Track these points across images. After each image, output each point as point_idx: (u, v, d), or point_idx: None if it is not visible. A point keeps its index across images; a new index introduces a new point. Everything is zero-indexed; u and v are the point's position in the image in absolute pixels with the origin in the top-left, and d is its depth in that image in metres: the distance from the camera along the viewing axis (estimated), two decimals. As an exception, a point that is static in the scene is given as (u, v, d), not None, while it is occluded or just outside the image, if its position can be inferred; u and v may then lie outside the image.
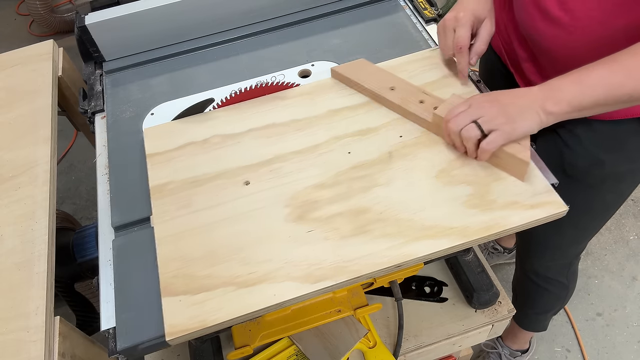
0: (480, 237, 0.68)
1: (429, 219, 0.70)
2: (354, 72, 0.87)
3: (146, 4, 0.97)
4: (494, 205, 0.70)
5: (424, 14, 1.02)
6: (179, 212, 0.75)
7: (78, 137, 2.18)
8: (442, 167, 0.75)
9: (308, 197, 0.74)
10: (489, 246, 1.71)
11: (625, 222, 1.84)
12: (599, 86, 0.65)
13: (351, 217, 0.71)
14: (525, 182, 0.72)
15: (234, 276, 0.67)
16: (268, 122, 0.85)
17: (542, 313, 1.32)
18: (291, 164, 0.79)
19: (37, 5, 2.51)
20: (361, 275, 0.66)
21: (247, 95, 0.88)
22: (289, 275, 0.67)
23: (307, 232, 0.71)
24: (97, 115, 0.94)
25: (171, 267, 0.69)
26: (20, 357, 0.70)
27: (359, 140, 0.80)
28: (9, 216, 0.84)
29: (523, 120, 0.69)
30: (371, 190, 0.74)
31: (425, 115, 0.79)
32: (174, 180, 0.79)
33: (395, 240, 0.68)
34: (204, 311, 0.64)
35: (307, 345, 0.92)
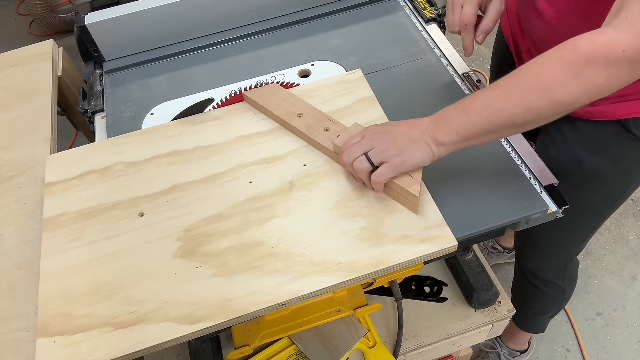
0: (368, 273, 0.66)
1: (319, 254, 0.68)
2: (265, 97, 0.85)
3: (146, 4, 0.97)
4: (385, 240, 0.69)
5: (424, 14, 1.02)
6: (69, 245, 0.72)
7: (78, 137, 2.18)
8: (340, 199, 0.74)
9: (202, 230, 0.72)
10: (489, 246, 1.71)
11: (625, 222, 1.84)
12: (483, 113, 0.63)
13: (243, 251, 0.69)
14: (418, 215, 0.71)
15: (113, 316, 0.65)
16: (173, 149, 0.82)
17: (540, 315, 1.32)
18: (190, 194, 0.76)
19: (37, 5, 2.50)
20: (243, 315, 0.64)
21: (247, 95, 0.88)
22: (168, 316, 0.64)
23: (196, 268, 0.68)
24: (97, 115, 0.94)
25: (52, 306, 0.67)
26: (20, 357, 0.70)
27: (264, 169, 0.78)
28: (9, 216, 0.84)
29: (414, 151, 0.67)
30: (268, 222, 0.72)
31: (328, 144, 0.77)
32: (69, 211, 0.76)
33: (283, 276, 0.67)
34: (79, 352, 0.63)
35: (307, 345, 0.92)
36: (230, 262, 0.69)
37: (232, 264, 0.68)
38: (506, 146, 0.80)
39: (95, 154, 0.83)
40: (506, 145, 0.80)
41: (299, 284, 0.66)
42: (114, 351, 0.63)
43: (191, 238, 0.72)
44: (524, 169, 0.76)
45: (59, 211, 0.76)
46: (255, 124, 0.85)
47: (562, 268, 1.16)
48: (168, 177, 0.79)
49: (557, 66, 0.59)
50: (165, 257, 0.70)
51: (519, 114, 0.62)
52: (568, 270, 1.18)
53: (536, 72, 0.61)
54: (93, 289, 0.68)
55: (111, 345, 0.63)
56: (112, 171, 0.81)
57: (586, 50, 0.57)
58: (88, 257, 0.71)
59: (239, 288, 0.66)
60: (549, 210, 0.72)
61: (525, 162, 0.77)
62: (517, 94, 0.62)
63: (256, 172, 0.78)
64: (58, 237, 0.74)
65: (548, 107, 0.60)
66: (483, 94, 0.65)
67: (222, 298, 0.66)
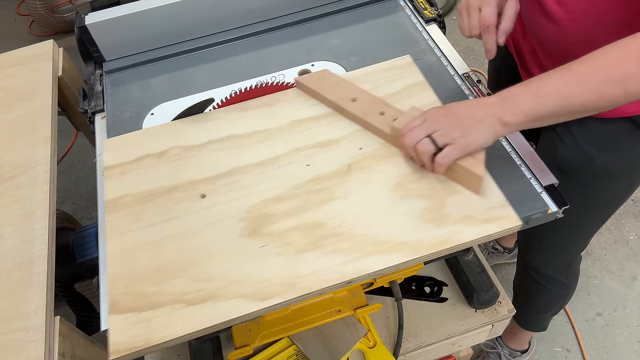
0: (433, 252, 0.67)
1: (382, 234, 0.69)
2: (317, 82, 0.86)
3: (146, 4, 0.97)
4: (448, 220, 0.70)
5: (424, 14, 1.02)
6: (131, 226, 0.73)
7: (78, 137, 2.18)
8: (399, 180, 0.74)
9: (264, 211, 0.73)
10: (489, 246, 1.71)
11: (625, 222, 1.84)
12: (554, 96, 0.64)
13: (306, 231, 0.70)
14: (480, 196, 0.71)
15: (182, 293, 0.66)
16: (228, 134, 0.83)
17: (542, 312, 1.32)
18: (249, 176, 0.77)
19: (37, 5, 2.50)
20: (311, 292, 0.65)
21: (247, 95, 0.88)
22: (237, 293, 0.66)
23: (260, 247, 0.70)
24: (97, 115, 0.94)
25: (119, 284, 0.68)
26: (20, 357, 0.70)
27: (320, 152, 0.79)
28: (9, 216, 0.84)
29: (478, 132, 0.68)
30: (328, 203, 0.73)
31: (384, 128, 0.78)
32: (129, 193, 0.77)
33: (348, 255, 0.68)
34: (150, 329, 0.64)
35: (307, 345, 0.92)
36: (294, 242, 0.70)
37: (296, 243, 0.70)
38: (506, 146, 0.80)
39: (150, 138, 0.84)
40: (506, 145, 0.80)
41: (365, 262, 0.67)
42: (185, 327, 0.64)
43: (254, 218, 0.73)
44: (524, 169, 0.76)
45: (119, 193, 0.77)
46: (307, 108, 0.86)
47: (567, 265, 1.16)
48: (225, 160, 0.80)
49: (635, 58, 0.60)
50: (230, 236, 0.71)
51: (591, 100, 0.63)
52: (572, 267, 1.18)
53: (612, 62, 0.62)
54: (159, 268, 0.69)
55: (183, 321, 0.64)
56: (168, 155, 0.82)
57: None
58: (151, 238, 0.72)
59: (305, 266, 0.67)
60: (549, 210, 0.72)
61: (525, 162, 0.77)
62: (592, 82, 0.62)
63: (312, 155, 0.79)
64: (120, 218, 0.74)
65: (622, 96, 0.62)
66: (555, 77, 0.65)
67: (289, 275, 0.67)
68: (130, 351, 0.62)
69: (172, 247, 0.71)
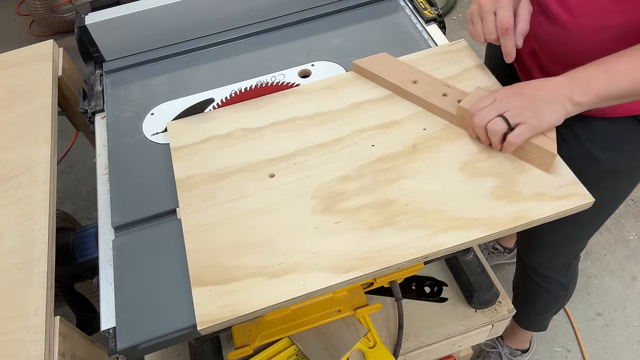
0: (508, 227, 0.68)
1: (455, 211, 0.70)
2: (376, 65, 0.87)
3: (146, 4, 0.97)
4: (520, 197, 0.70)
5: (424, 14, 1.02)
6: (204, 204, 0.75)
7: (78, 137, 2.18)
8: (466, 160, 0.75)
9: (333, 189, 0.74)
10: (489, 246, 1.71)
11: (625, 222, 1.84)
12: (628, 76, 0.65)
13: (377, 208, 0.71)
14: (551, 174, 0.72)
15: (262, 267, 0.67)
16: (290, 116, 0.85)
17: (542, 313, 1.32)
18: (315, 157, 0.79)
19: (37, 5, 2.50)
20: (391, 266, 0.66)
21: (247, 95, 0.88)
22: (317, 266, 0.67)
23: (335, 223, 0.71)
24: (97, 115, 0.94)
25: (200, 258, 0.69)
26: (20, 357, 0.70)
27: (383, 133, 0.80)
28: (9, 216, 0.84)
29: (549, 112, 0.68)
30: (396, 182, 0.74)
31: (449, 108, 0.79)
32: (198, 173, 0.79)
33: (423, 231, 0.68)
34: (234, 301, 0.65)
35: (307, 345, 0.92)
36: (367, 218, 0.71)
37: (370, 219, 0.70)
38: (506, 146, 0.80)
39: (212, 122, 0.86)
40: (506, 145, 0.80)
41: (441, 238, 0.68)
42: (269, 298, 0.65)
43: (325, 196, 0.74)
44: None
45: (188, 173, 0.79)
46: (366, 91, 0.87)
47: (566, 265, 1.16)
48: (290, 141, 0.81)
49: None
50: (303, 213, 0.72)
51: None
52: (571, 267, 1.18)
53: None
54: (237, 244, 0.70)
55: (266, 292, 0.65)
56: (233, 136, 0.83)
57: None
58: (225, 215, 0.73)
59: (381, 241, 0.68)
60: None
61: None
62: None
63: (376, 137, 0.80)
64: (192, 196, 0.76)
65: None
66: (627, 58, 0.66)
67: (366, 250, 0.67)
68: (217, 322, 0.63)
69: (247, 224, 0.72)
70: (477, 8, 0.78)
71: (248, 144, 0.82)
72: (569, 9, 0.76)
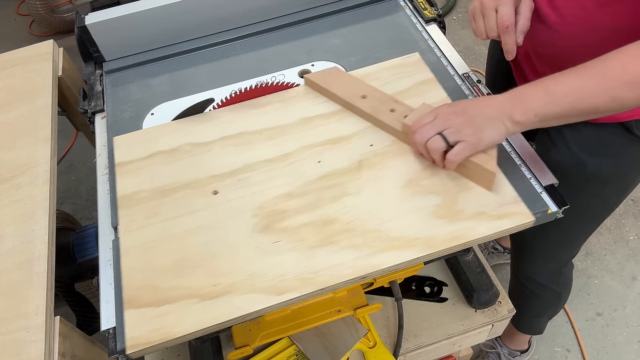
0: (446, 247, 0.67)
1: (395, 230, 0.69)
2: (327, 80, 0.87)
3: (146, 4, 0.97)
4: (461, 216, 0.70)
5: (424, 14, 1.02)
6: (147, 221, 0.74)
7: (78, 137, 2.18)
8: (410, 177, 0.75)
9: (276, 207, 0.74)
10: (489, 246, 1.71)
11: (625, 222, 1.84)
12: (566, 98, 0.64)
13: (318, 227, 0.71)
14: (492, 192, 0.72)
15: (198, 288, 0.67)
16: (239, 131, 0.84)
17: (537, 317, 1.32)
18: (260, 173, 0.78)
19: (37, 5, 2.50)
20: (326, 287, 0.65)
21: (247, 95, 0.88)
22: (253, 287, 0.66)
23: (274, 242, 0.70)
24: (97, 115, 0.94)
25: (136, 279, 0.68)
26: (20, 357, 0.70)
27: (330, 149, 0.80)
28: (9, 216, 0.84)
29: (489, 130, 0.67)
30: (340, 200, 0.73)
31: (395, 124, 0.78)
32: (143, 189, 0.78)
33: (361, 251, 0.68)
34: (166, 324, 0.64)
35: (307, 345, 0.92)
36: (307, 238, 0.70)
37: (310, 239, 0.70)
38: (506, 146, 0.80)
39: (160, 136, 0.85)
40: (506, 145, 0.80)
41: (379, 258, 0.67)
42: (201, 321, 0.64)
43: (266, 214, 0.73)
44: (524, 169, 0.76)
45: (132, 189, 0.78)
46: (317, 106, 0.86)
47: (557, 272, 1.16)
48: (237, 157, 0.81)
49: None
50: (244, 232, 0.72)
51: (603, 102, 0.63)
52: (563, 275, 1.18)
53: (625, 65, 0.62)
54: (175, 263, 0.69)
55: (199, 315, 0.64)
56: (180, 151, 0.82)
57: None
58: (165, 233, 0.73)
59: (319, 261, 0.68)
60: (549, 210, 0.72)
61: (525, 162, 0.77)
62: (605, 84, 0.62)
63: (323, 152, 0.80)
64: (135, 213, 0.75)
65: (633, 98, 0.62)
66: (567, 78, 0.65)
67: (303, 271, 0.67)
68: (146, 346, 0.63)
69: (189, 242, 0.72)
70: (479, 5, 0.78)
71: (195, 159, 0.81)
72: (558, 9, 0.76)
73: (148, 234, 0.73)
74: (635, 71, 0.61)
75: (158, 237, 0.72)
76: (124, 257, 0.71)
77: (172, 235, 0.72)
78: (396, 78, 0.88)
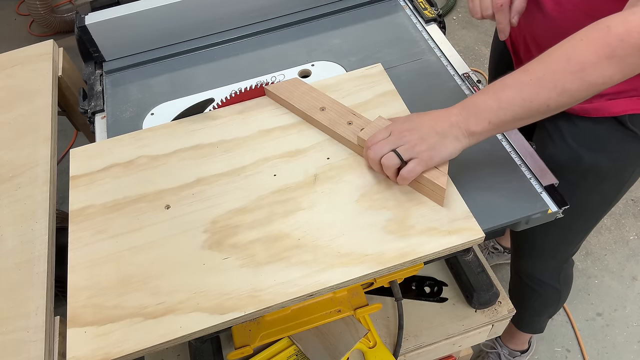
0: (395, 264, 0.67)
1: (345, 246, 0.69)
2: (286, 91, 0.86)
3: (146, 4, 0.97)
4: (411, 231, 0.69)
5: (424, 14, 1.02)
6: (95, 237, 0.73)
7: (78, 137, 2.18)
8: (364, 191, 0.74)
9: (228, 222, 0.73)
10: (489, 246, 1.71)
11: (625, 222, 1.84)
12: (515, 101, 0.63)
13: (269, 243, 0.70)
14: (444, 207, 0.71)
15: (142, 307, 0.66)
16: (196, 143, 0.83)
17: (537, 315, 1.32)
18: (215, 186, 0.77)
19: (37, 5, 2.50)
20: (271, 306, 0.65)
21: (247, 95, 0.88)
22: (197, 306, 0.65)
23: (223, 259, 0.69)
24: (97, 115, 0.94)
25: (81, 297, 0.68)
26: (20, 357, 0.70)
27: (287, 162, 0.79)
28: (9, 216, 0.84)
29: (442, 146, 0.67)
30: (293, 214, 0.73)
31: (351, 137, 0.78)
32: (94, 204, 0.77)
33: (310, 267, 0.67)
34: (108, 343, 0.63)
35: (307, 345, 0.92)
36: (257, 254, 0.69)
37: (259, 255, 0.69)
38: (506, 146, 0.80)
39: (118, 147, 0.84)
40: (506, 145, 0.80)
41: (327, 275, 0.67)
42: (143, 341, 0.63)
43: (217, 230, 0.72)
44: (524, 169, 0.76)
45: (84, 204, 0.77)
46: (276, 117, 0.86)
47: (557, 269, 1.16)
48: (192, 170, 0.80)
49: (590, 47, 0.59)
50: (193, 248, 0.71)
51: (552, 97, 0.62)
52: (563, 272, 1.18)
53: (568, 54, 0.61)
54: (121, 280, 0.69)
55: (141, 335, 0.64)
56: (136, 164, 0.81)
57: (619, 31, 0.57)
58: (114, 249, 0.72)
59: (267, 279, 0.67)
60: (549, 210, 0.72)
61: (525, 162, 0.77)
62: (550, 78, 0.61)
63: (280, 165, 0.79)
64: (84, 229, 0.74)
65: (581, 88, 0.60)
66: (513, 80, 0.64)
67: (250, 288, 0.66)
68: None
69: (137, 259, 0.70)
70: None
71: (150, 173, 0.80)
72: (559, 3, 0.76)
73: (95, 251, 0.72)
74: (577, 58, 0.60)
75: (105, 254, 0.71)
76: (70, 274, 0.70)
77: (120, 252, 0.71)
78: (357, 89, 0.87)
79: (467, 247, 0.69)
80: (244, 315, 0.64)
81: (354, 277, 0.66)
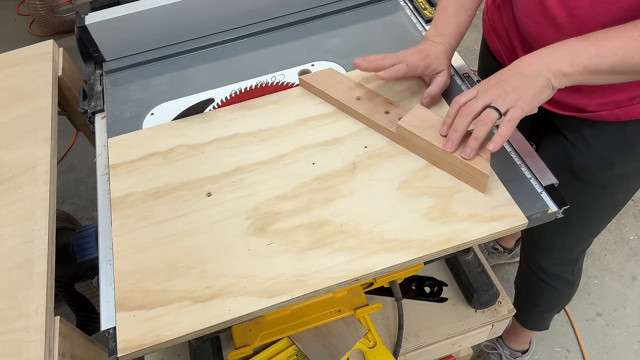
0: (439, 250, 0.67)
1: (388, 232, 0.70)
2: (322, 81, 0.87)
3: (146, 4, 0.97)
4: (454, 218, 0.70)
5: (424, 14, 1.02)
6: (139, 224, 0.74)
7: (78, 137, 2.18)
8: (404, 179, 0.75)
9: (270, 209, 0.74)
10: (489, 246, 1.71)
11: (625, 222, 1.84)
12: (619, 51, 0.63)
13: (312, 229, 0.71)
14: (486, 194, 0.72)
15: (190, 290, 0.67)
16: (233, 132, 0.84)
17: (547, 311, 1.32)
18: (254, 175, 0.78)
19: (37, 5, 2.51)
20: (319, 290, 0.66)
21: (247, 95, 0.88)
22: (245, 290, 0.66)
23: (267, 245, 0.70)
24: (97, 115, 0.94)
25: (128, 281, 0.69)
26: (20, 357, 0.70)
27: (325, 151, 0.80)
28: (9, 216, 0.84)
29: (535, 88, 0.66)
30: (333, 201, 0.74)
31: (389, 126, 0.79)
32: (136, 191, 0.78)
33: (354, 253, 0.68)
34: (158, 326, 0.64)
35: (307, 345, 0.92)
36: (300, 240, 0.70)
37: (303, 241, 0.70)
38: (506, 146, 0.80)
39: (156, 137, 0.85)
40: (506, 145, 0.80)
41: (371, 260, 0.67)
42: (193, 324, 0.64)
43: (260, 217, 0.73)
44: (524, 169, 0.76)
45: (125, 191, 0.78)
46: (312, 107, 0.87)
47: (574, 261, 1.16)
48: (231, 159, 0.81)
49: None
50: (237, 234, 0.72)
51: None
52: (578, 263, 1.18)
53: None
54: (167, 265, 0.70)
55: (190, 318, 0.64)
56: (174, 153, 0.83)
57: None
58: (158, 235, 0.73)
59: (312, 264, 0.68)
60: (549, 210, 0.72)
61: (525, 162, 0.77)
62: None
63: (318, 154, 0.80)
64: (127, 216, 0.75)
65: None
66: (620, 32, 0.64)
67: (296, 273, 0.67)
68: (138, 348, 0.63)
69: (180, 245, 0.72)
70: None
71: (189, 161, 0.81)
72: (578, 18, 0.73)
73: (140, 237, 0.73)
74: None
75: (150, 240, 0.72)
76: (116, 259, 0.71)
77: (164, 237, 0.72)
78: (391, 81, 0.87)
79: (510, 232, 0.70)
80: (292, 299, 0.65)
81: (400, 262, 0.67)
